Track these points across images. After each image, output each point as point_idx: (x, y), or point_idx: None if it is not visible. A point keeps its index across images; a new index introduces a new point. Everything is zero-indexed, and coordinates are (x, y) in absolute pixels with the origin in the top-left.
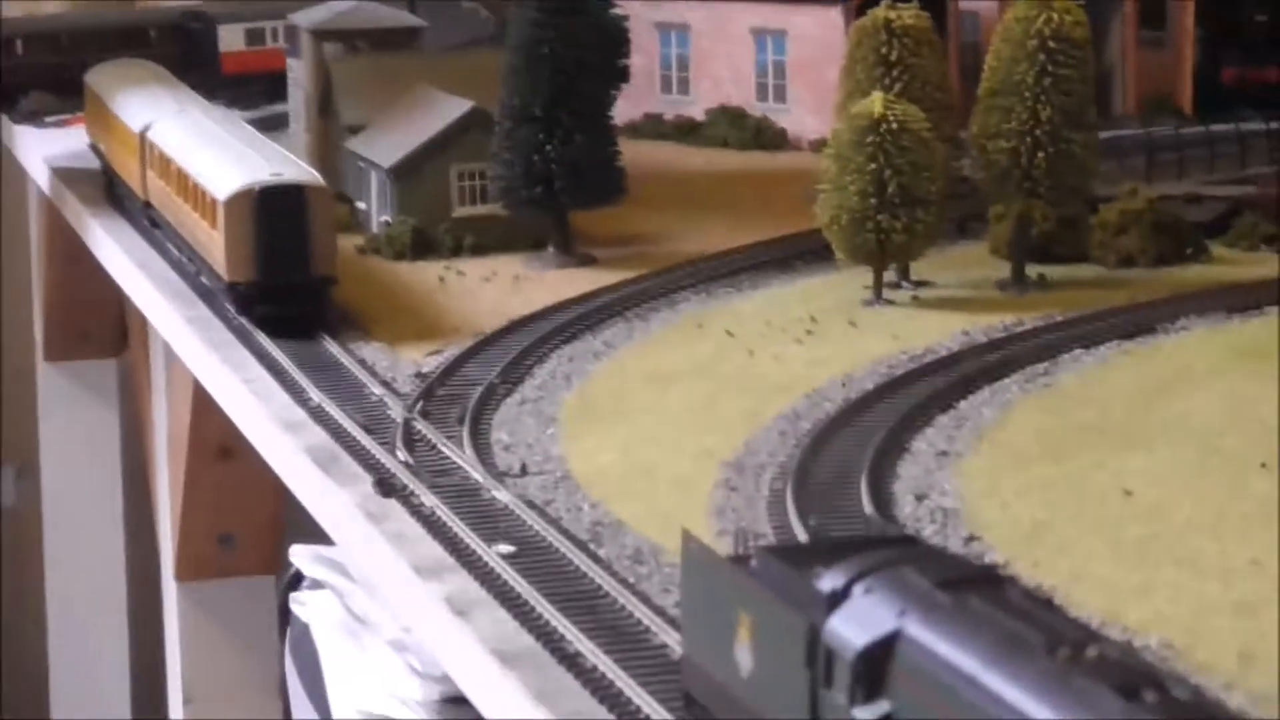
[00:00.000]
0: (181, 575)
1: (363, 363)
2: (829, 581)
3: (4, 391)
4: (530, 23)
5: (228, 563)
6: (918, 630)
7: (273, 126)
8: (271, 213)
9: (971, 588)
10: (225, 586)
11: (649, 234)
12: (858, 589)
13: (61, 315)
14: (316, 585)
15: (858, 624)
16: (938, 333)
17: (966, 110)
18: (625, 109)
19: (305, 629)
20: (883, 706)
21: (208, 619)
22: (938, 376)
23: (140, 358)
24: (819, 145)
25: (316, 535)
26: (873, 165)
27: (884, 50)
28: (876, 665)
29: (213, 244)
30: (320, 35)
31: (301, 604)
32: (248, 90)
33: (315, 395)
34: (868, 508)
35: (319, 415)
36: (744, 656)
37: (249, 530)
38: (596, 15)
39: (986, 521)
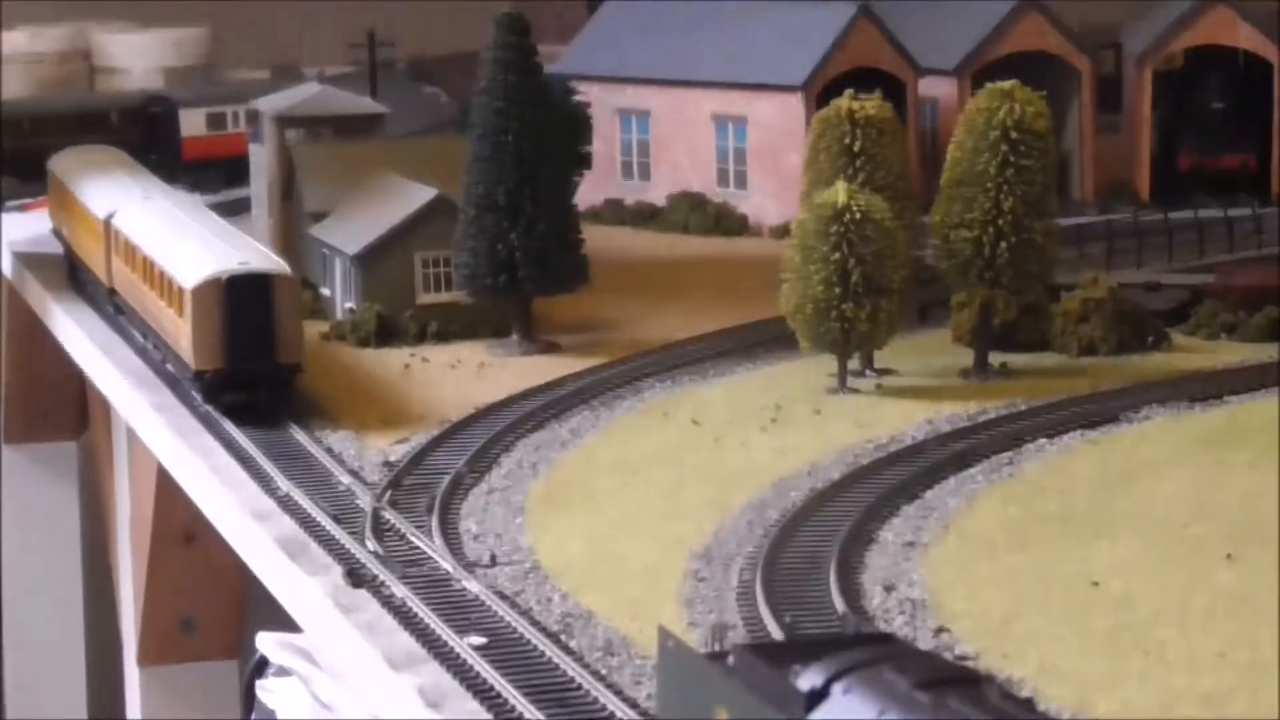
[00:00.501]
0: (144, 659)
1: (330, 451)
2: (808, 680)
3: None
4: (494, 111)
5: (190, 647)
6: None
7: (234, 211)
8: (239, 301)
9: (950, 688)
10: (188, 671)
11: (611, 320)
12: (837, 688)
13: (22, 397)
14: (283, 672)
15: None
16: (902, 421)
17: (926, 196)
18: (586, 193)
19: (270, 715)
20: None
21: (170, 703)
22: (903, 466)
23: (102, 441)
24: (779, 231)
25: (279, 620)
26: (837, 254)
27: (847, 140)
28: None
29: (179, 332)
30: (283, 121)
31: (268, 691)
32: (209, 174)
33: (283, 484)
34: (837, 600)
35: (287, 504)
36: None
37: (212, 615)
38: (559, 103)
39: (955, 612)
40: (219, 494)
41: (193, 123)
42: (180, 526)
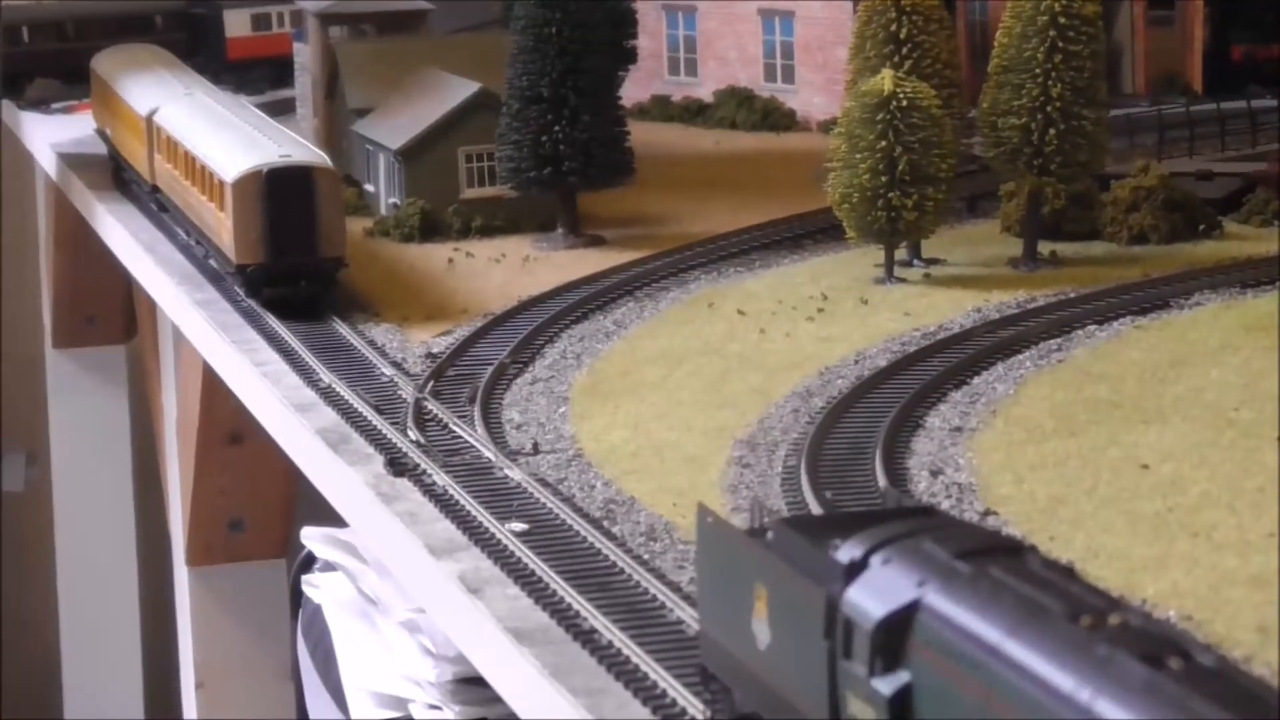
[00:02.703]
0: (192, 560)
1: (372, 344)
2: (846, 553)
3: (13, 379)
4: (537, 3)
5: (238, 547)
6: (937, 600)
7: (279, 111)
8: (280, 194)
9: (991, 557)
10: (236, 571)
11: (657, 215)
12: (876, 560)
13: (69, 302)
14: (328, 567)
15: (876, 595)
16: (950, 310)
17: (975, 88)
18: (633, 90)
19: (317, 611)
20: (902, 677)
21: (219, 603)
22: (951, 353)
23: (149, 343)
24: (827, 125)
25: (328, 518)
26: (883, 142)
27: (893, 28)
28: (895, 636)
29: (221, 227)
30: (326, 19)
31: (313, 586)
32: (253, 75)
33: (326, 377)
34: (882, 483)
35: (330, 396)
36: (761, 629)
37: (259, 514)
38: None
39: (1002, 496)
40: (261, 388)
41: (237, 23)
42: (227, 427)
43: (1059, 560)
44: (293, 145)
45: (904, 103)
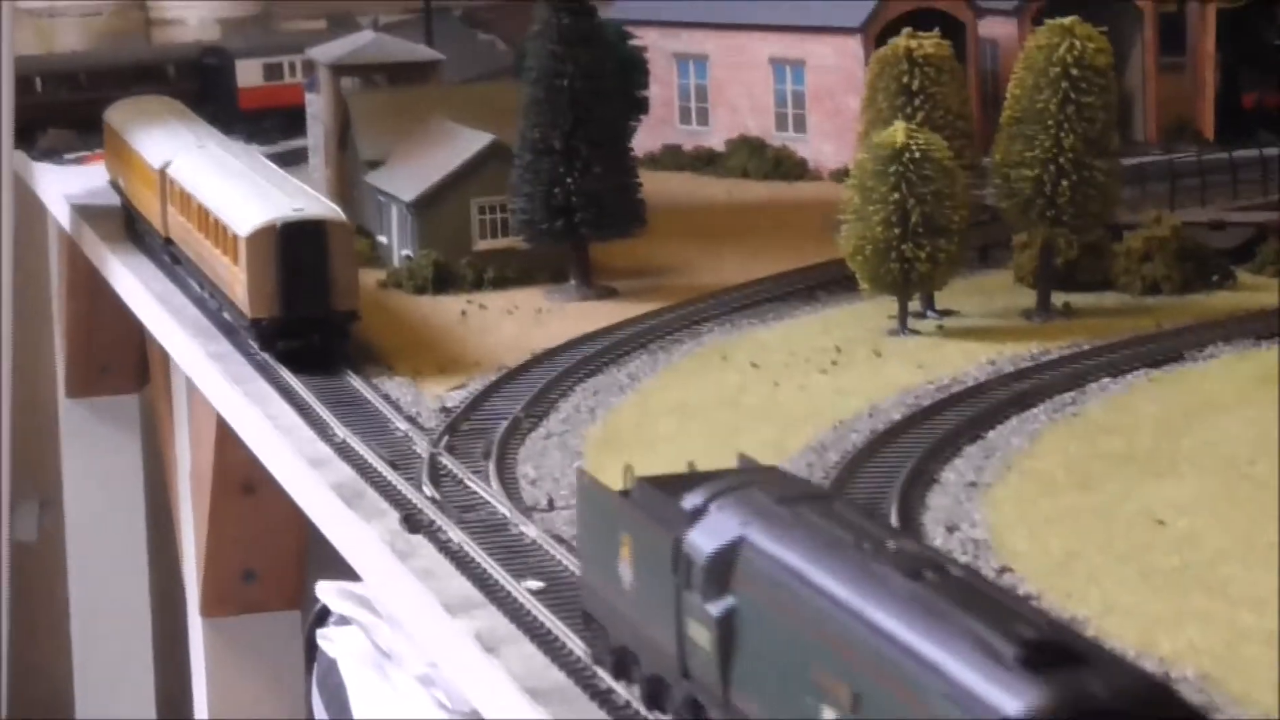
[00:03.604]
0: (207, 610)
1: (386, 398)
2: (690, 501)
3: (26, 427)
4: (549, 55)
5: (252, 597)
6: (757, 537)
7: (291, 161)
8: (293, 248)
9: (805, 502)
10: (250, 621)
11: (669, 265)
12: (713, 507)
13: (82, 350)
14: (343, 620)
15: (709, 534)
16: (964, 362)
17: (986, 137)
18: (644, 139)
19: (332, 664)
20: (729, 601)
21: (233, 653)
22: (965, 406)
23: (161, 392)
24: (838, 174)
25: (340, 569)
26: (896, 195)
27: (905, 79)
28: (723, 567)
29: (235, 280)
30: (338, 70)
31: (328, 639)
32: (265, 124)
33: (340, 431)
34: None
35: (344, 451)
36: (626, 572)
37: (272, 565)
38: (615, 46)
39: (1017, 551)
40: (276, 442)
41: (249, 73)
42: (240, 477)
43: (862, 504)
44: (305, 198)
45: (917, 155)
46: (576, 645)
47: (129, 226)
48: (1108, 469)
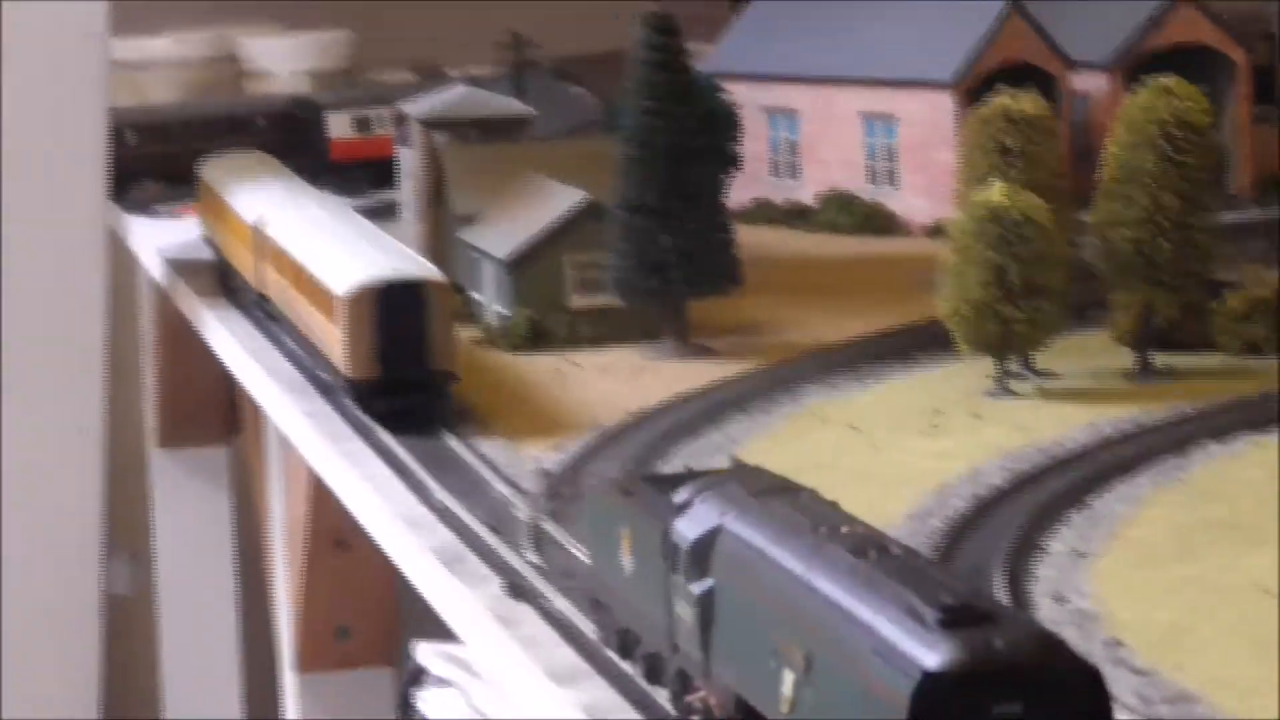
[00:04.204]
0: (301, 667)
1: (484, 459)
2: (679, 496)
3: (118, 480)
4: (643, 112)
5: (345, 654)
6: (732, 525)
7: (381, 214)
8: (392, 309)
9: (776, 494)
10: (343, 678)
11: (764, 321)
12: (697, 500)
13: (172, 402)
14: (441, 683)
15: (692, 523)
16: (1064, 425)
17: (1076, 188)
18: (735, 193)
19: None
20: (707, 582)
21: (325, 710)
22: (1068, 472)
23: (253, 447)
24: (930, 228)
25: (432, 624)
26: (995, 255)
27: (1003, 139)
28: (703, 552)
29: (332, 340)
30: (431, 125)
31: (426, 701)
32: (354, 176)
33: (439, 493)
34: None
35: (443, 514)
36: (626, 561)
37: (366, 622)
38: (708, 102)
39: (1125, 623)
40: (373, 502)
41: (339, 125)
42: (333, 533)
43: (824, 497)
44: (403, 258)
45: (1015, 215)
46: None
47: (222, 281)
48: (1213, 537)
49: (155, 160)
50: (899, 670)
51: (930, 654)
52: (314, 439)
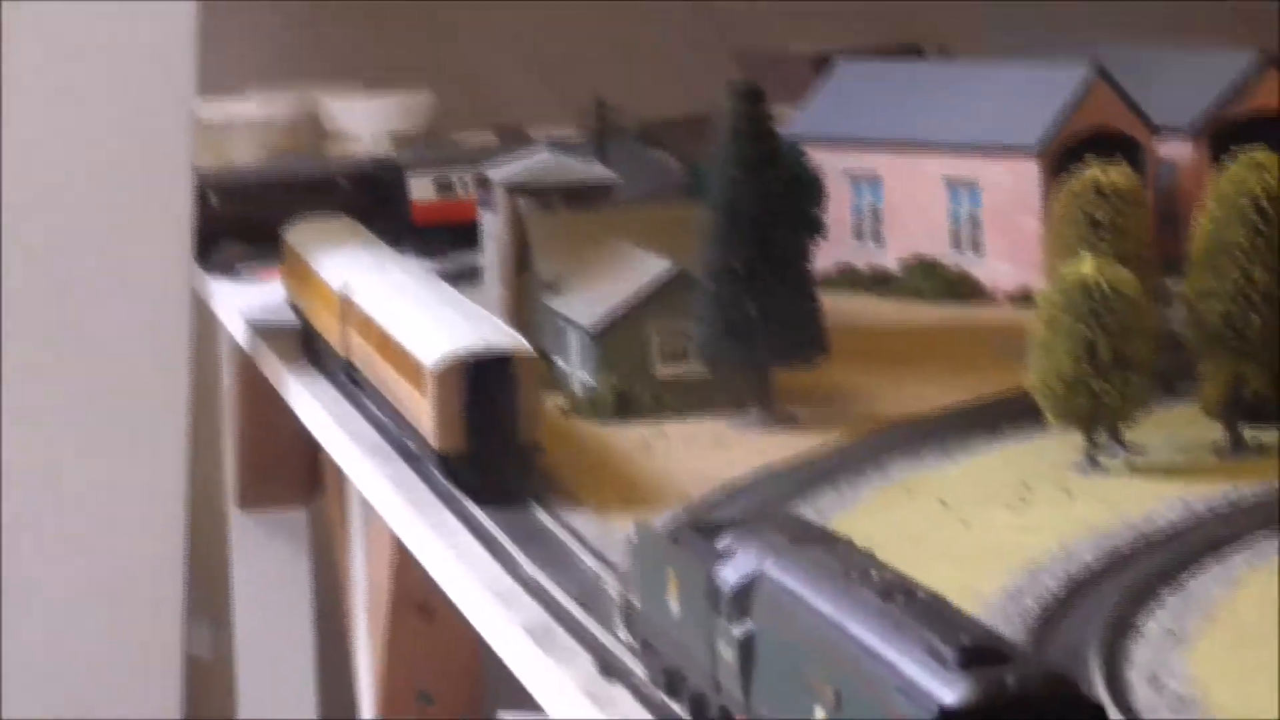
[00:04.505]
0: None
1: (572, 532)
2: (722, 543)
3: (198, 540)
4: (730, 180)
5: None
6: (772, 571)
7: (463, 278)
8: (480, 381)
9: (812, 542)
10: None
11: (849, 391)
12: (739, 547)
13: (253, 464)
14: None
15: (735, 569)
16: (1155, 500)
17: (1161, 255)
18: (818, 258)
19: None
20: (748, 624)
21: None
22: (1160, 551)
23: (336, 511)
24: (1015, 295)
25: (514, 691)
26: (1084, 328)
27: (1093, 211)
28: (744, 596)
29: (420, 409)
30: (515, 190)
31: None
32: (436, 239)
33: (527, 566)
34: (1100, 690)
35: (531, 587)
36: (673, 603)
37: (448, 688)
38: (793, 169)
39: (1224, 706)
40: (461, 574)
41: (420, 187)
42: (417, 599)
43: (857, 544)
44: (491, 328)
45: (1105, 288)
46: None
47: (306, 346)
48: None
49: (238, 222)
50: (919, 706)
51: (948, 691)
52: (400, 507)
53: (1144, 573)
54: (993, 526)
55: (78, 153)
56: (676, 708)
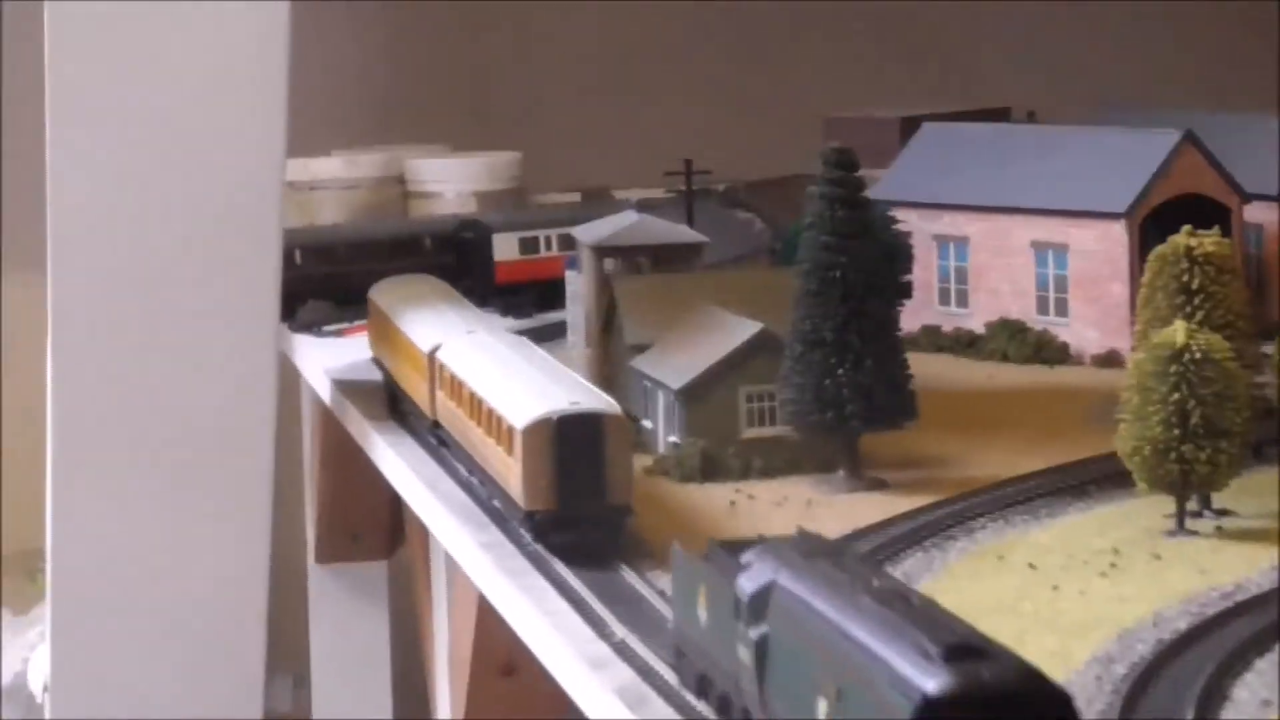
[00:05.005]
0: None
1: (663, 595)
2: (745, 558)
3: (277, 595)
4: (821, 247)
5: None
6: (784, 580)
7: (547, 336)
8: (569, 441)
9: (822, 555)
10: None
11: (936, 455)
12: (758, 560)
13: (332, 519)
14: None
15: (752, 579)
16: (1246, 567)
17: (1255, 322)
18: (902, 320)
19: None
20: (763, 628)
21: None
22: (1252, 617)
23: (419, 569)
24: (1101, 359)
25: None
26: (1176, 395)
27: (1185, 278)
28: (760, 603)
29: (508, 470)
30: (602, 251)
31: None
32: (521, 298)
33: (618, 629)
34: None
35: (623, 652)
36: (703, 614)
37: None
38: (883, 234)
39: None
40: (551, 638)
41: (505, 247)
42: (500, 659)
43: (866, 555)
44: (581, 391)
45: (1197, 355)
46: None
47: (391, 405)
48: None
49: (323, 281)
50: (906, 696)
51: (931, 681)
52: (488, 568)
53: (1236, 639)
54: (1084, 593)
55: (169, 211)
56: (704, 708)
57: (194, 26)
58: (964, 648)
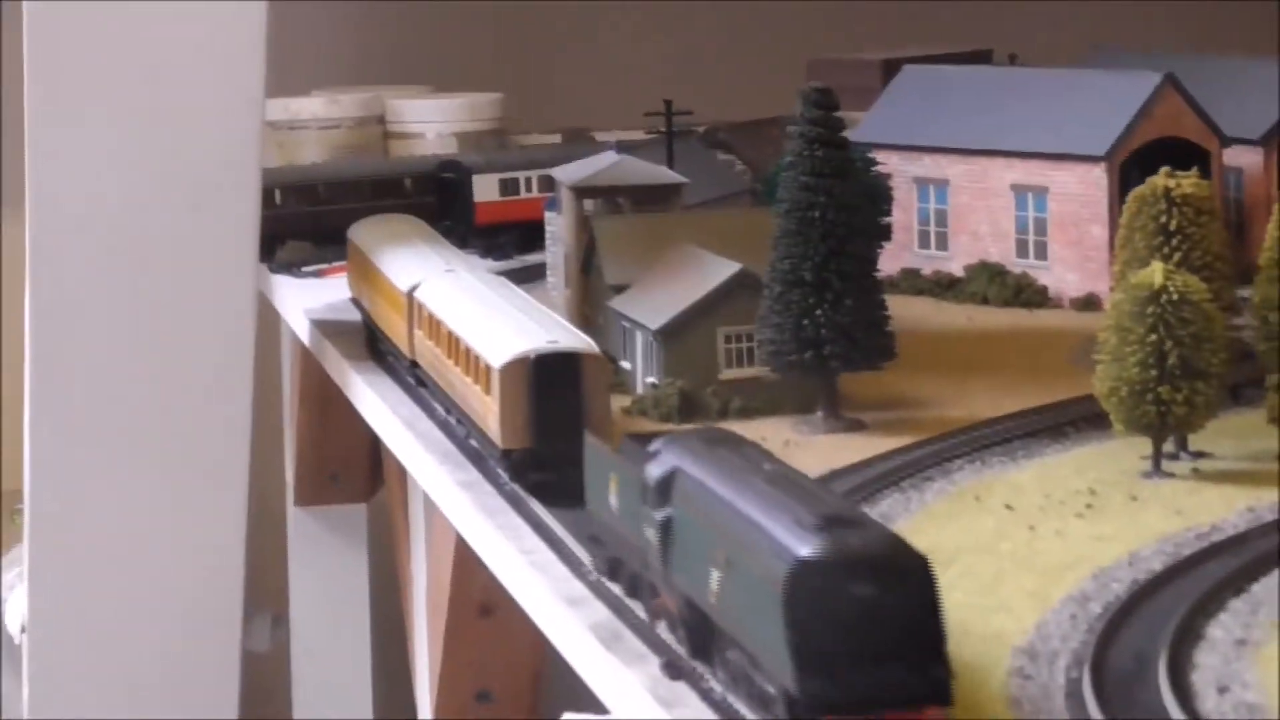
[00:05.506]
0: None
1: None
2: (652, 447)
3: (257, 536)
4: (800, 186)
5: (487, 718)
6: (687, 466)
7: (526, 278)
8: (547, 380)
9: (722, 444)
10: None
11: (915, 396)
12: (665, 448)
13: (312, 461)
14: None
15: (658, 466)
16: (1222, 508)
17: (1233, 265)
18: (882, 263)
19: None
20: (667, 510)
21: None
22: (1228, 557)
23: (397, 509)
24: (1080, 302)
25: (574, 687)
26: (1153, 336)
27: (1163, 219)
28: (664, 488)
29: (486, 409)
30: (581, 192)
31: None
32: (501, 239)
33: (595, 570)
34: (1170, 703)
35: (599, 590)
36: (614, 500)
37: (508, 687)
38: (863, 175)
39: None
40: (527, 576)
41: (485, 188)
42: (478, 599)
43: (763, 447)
44: (559, 329)
45: (1175, 297)
46: None
47: (370, 345)
48: None
49: (302, 220)
50: (781, 560)
51: (805, 547)
52: (465, 508)
53: (1210, 579)
54: (1061, 534)
55: (146, 152)
56: (616, 589)
57: None
58: (837, 518)
